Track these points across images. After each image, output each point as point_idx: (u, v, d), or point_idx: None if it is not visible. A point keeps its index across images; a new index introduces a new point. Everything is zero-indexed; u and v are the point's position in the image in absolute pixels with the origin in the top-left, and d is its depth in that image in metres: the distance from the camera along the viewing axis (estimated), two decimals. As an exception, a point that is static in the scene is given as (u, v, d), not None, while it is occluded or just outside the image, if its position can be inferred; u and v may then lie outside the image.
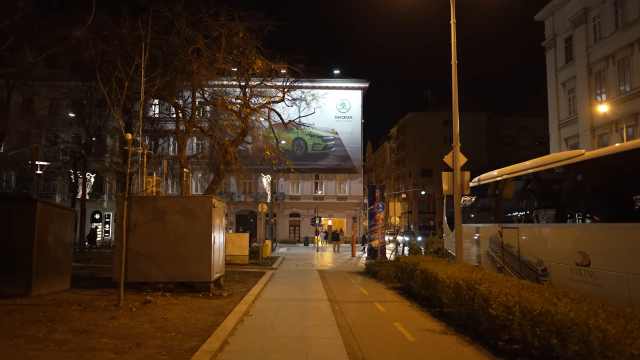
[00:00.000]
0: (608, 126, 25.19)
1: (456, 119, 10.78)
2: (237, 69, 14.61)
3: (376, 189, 24.56)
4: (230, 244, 19.49)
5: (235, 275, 14.48)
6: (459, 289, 7.31)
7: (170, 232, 10.29)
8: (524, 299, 5.48)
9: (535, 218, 9.06)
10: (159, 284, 10.22)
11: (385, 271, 14.25)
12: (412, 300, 10.09)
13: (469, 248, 11.27)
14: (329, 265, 20.43)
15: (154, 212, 10.31)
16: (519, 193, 9.83)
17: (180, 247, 10.27)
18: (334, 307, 9.27)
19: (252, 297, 9.92)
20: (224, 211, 11.72)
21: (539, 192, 9.18)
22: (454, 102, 10.86)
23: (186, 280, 10.26)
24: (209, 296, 9.81)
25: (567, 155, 7.73)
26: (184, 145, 15.49)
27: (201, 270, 10.21)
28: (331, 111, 46.68)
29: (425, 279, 9.26)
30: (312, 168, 45.80)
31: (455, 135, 10.78)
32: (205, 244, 10.28)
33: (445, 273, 8.27)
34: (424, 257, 11.11)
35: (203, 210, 10.33)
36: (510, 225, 9.64)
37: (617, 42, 24.51)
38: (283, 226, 47.10)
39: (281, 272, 17.25)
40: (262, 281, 13.14)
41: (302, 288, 12.38)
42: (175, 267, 10.23)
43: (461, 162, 10.75)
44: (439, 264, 9.67)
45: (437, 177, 57.46)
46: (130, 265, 10.13)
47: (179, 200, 10.27)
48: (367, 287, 12.64)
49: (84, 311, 7.71)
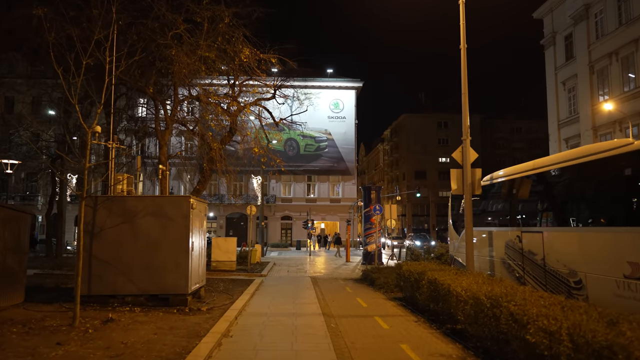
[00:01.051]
0: (611, 125, 24.30)
1: (466, 109, 9.61)
2: (223, 59, 13.30)
3: (372, 190, 23.38)
4: (217, 249, 18.16)
5: (219, 284, 13.17)
6: (479, 305, 6.10)
7: (142, 237, 8.98)
8: (575, 323, 4.29)
9: (567, 221, 7.75)
10: (128, 297, 8.89)
11: (384, 279, 13.04)
12: (417, 315, 8.87)
13: (480, 254, 10.06)
14: (322, 272, 19.17)
15: (123, 214, 8.99)
16: (545, 191, 8.55)
17: (153, 255, 8.95)
18: (329, 324, 8.02)
19: (235, 312, 8.62)
20: (204, 213, 10.43)
21: (573, 190, 7.76)
22: (464, 90, 9.69)
23: (159, 293, 8.93)
24: (185, 311, 8.50)
25: (610, 145, 6.55)
26: (164, 142, 14.15)
27: (177, 281, 8.90)
28: (324, 111, 45.53)
29: (434, 291, 8.05)
30: (305, 169, 44.55)
31: (465, 128, 9.61)
32: (181, 251, 8.97)
33: (459, 285, 7.07)
34: (429, 265, 9.89)
35: (179, 212, 9.03)
36: (533, 229, 8.41)
37: (621, 39, 23.66)
38: (274, 229, 45.73)
39: (271, 279, 15.95)
40: (249, 291, 11.85)
41: (293, 299, 11.11)
42: (147, 278, 8.91)
43: (472, 158, 9.59)
44: (448, 273, 8.46)
45: (431, 180, 56.52)
46: (95, 275, 8.82)
47: (152, 201, 8.98)
48: (366, 298, 11.41)
49: (26, 335, 6.35)
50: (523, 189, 8.89)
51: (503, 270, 9.16)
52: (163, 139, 14.04)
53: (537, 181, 8.65)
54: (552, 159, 8.23)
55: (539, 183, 8.61)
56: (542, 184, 8.54)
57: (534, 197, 8.79)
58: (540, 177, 8.49)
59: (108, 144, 10.01)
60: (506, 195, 9.63)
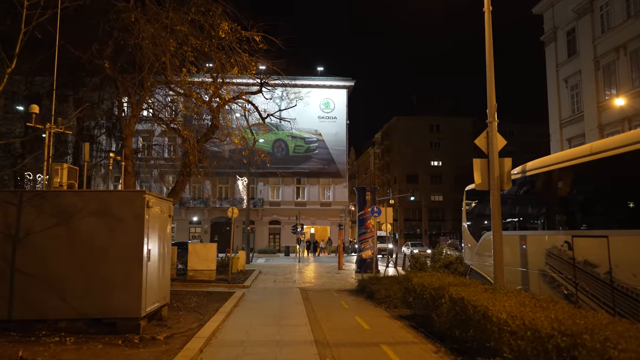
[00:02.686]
0: (619, 123, 22.84)
1: (491, 82, 7.79)
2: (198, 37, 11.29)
3: (366, 191, 21.51)
4: (194, 257, 16.13)
5: (191, 299, 11.13)
6: (540, 341, 4.24)
7: (82, 243, 6.95)
8: None
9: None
10: (62, 323, 6.82)
11: (386, 291, 11.15)
12: (435, 342, 6.98)
13: (508, 265, 8.13)
14: (312, 282, 17.19)
15: (58, 214, 6.96)
16: (613, 183, 6.52)
17: (96, 266, 6.92)
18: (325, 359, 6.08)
19: (201, 342, 6.62)
20: (168, 213, 8.41)
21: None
22: (488, 61, 7.88)
23: (103, 317, 6.88)
24: (134, 341, 6.45)
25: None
26: (129, 133, 12.08)
27: (126, 301, 6.87)
28: (314, 111, 43.71)
29: (461, 314, 6.15)
30: (294, 172, 42.51)
31: (491, 107, 7.79)
32: (133, 261, 6.95)
33: (502, 309, 5.20)
34: (446, 278, 8.01)
35: (131, 212, 7.01)
36: (592, 232, 6.50)
37: (630, 32, 22.29)
38: (262, 234, 43.56)
39: (254, 291, 13.93)
40: (226, 308, 9.83)
41: (278, 319, 9.13)
42: (88, 297, 6.87)
43: (499, 146, 7.78)
44: (475, 289, 6.58)
45: (423, 184, 55.04)
46: (18, 294, 6.77)
47: (95, 197, 6.98)
48: (366, 316, 9.48)
49: None
50: (575, 182, 6.98)
51: (542, 285, 7.30)
52: (127, 129, 11.97)
53: (599, 170, 6.57)
54: (626, 138, 6.13)
55: (602, 172, 6.56)
56: (607, 174, 6.45)
57: (593, 191, 6.81)
58: (605, 164, 6.34)
59: (46, 128, 7.96)
60: (547, 191, 7.75)
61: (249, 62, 11.98)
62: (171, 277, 15.56)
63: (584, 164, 6.52)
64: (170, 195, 16.84)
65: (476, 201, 10.58)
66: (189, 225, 43.10)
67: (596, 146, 6.66)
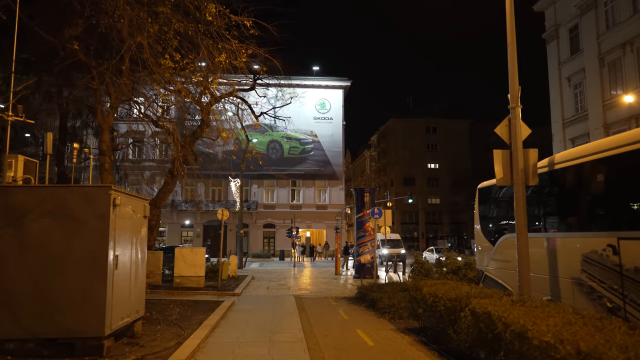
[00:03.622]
0: (626, 122, 22.04)
1: (514, 62, 6.80)
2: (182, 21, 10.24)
3: (365, 192, 20.52)
4: (181, 262, 14.98)
5: (174, 310, 10.02)
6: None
7: (34, 249, 5.84)
8: None
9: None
10: (10, 344, 5.71)
11: (389, 300, 10.11)
12: (453, 363, 5.94)
13: (533, 272, 7.11)
14: (308, 288, 16.10)
15: (6, 214, 5.86)
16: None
17: (52, 277, 5.82)
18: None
19: (175, 366, 5.54)
20: (143, 214, 7.31)
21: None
22: (510, 40, 6.90)
23: (60, 337, 5.77)
24: (95, 367, 5.36)
25: None
26: (107, 126, 10.97)
27: (86, 318, 5.76)
28: (310, 112, 42.76)
29: (488, 332, 5.11)
30: (289, 174, 41.45)
31: (514, 90, 6.78)
32: (95, 270, 5.85)
33: (545, 329, 4.16)
34: (463, 287, 6.97)
35: (93, 211, 5.92)
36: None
37: (636, 27, 21.55)
38: (256, 238, 42.42)
39: (245, 300, 12.82)
40: (211, 321, 8.73)
41: (270, 334, 8.05)
42: (41, 314, 5.75)
43: (524, 135, 6.78)
44: (501, 301, 5.53)
45: (420, 187, 54.22)
46: (-44, 310, 5.63)
47: (50, 193, 5.89)
48: (369, 329, 8.41)
49: None
50: (622, 174, 5.91)
51: (578, 296, 6.26)
52: (105, 122, 10.86)
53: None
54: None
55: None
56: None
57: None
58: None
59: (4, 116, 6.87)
60: (584, 186, 6.69)
61: (239, 49, 10.95)
62: (156, 284, 14.51)
63: (635, 151, 5.48)
64: (158, 196, 15.74)
65: (491, 200, 9.56)
66: (180, 229, 41.88)
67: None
